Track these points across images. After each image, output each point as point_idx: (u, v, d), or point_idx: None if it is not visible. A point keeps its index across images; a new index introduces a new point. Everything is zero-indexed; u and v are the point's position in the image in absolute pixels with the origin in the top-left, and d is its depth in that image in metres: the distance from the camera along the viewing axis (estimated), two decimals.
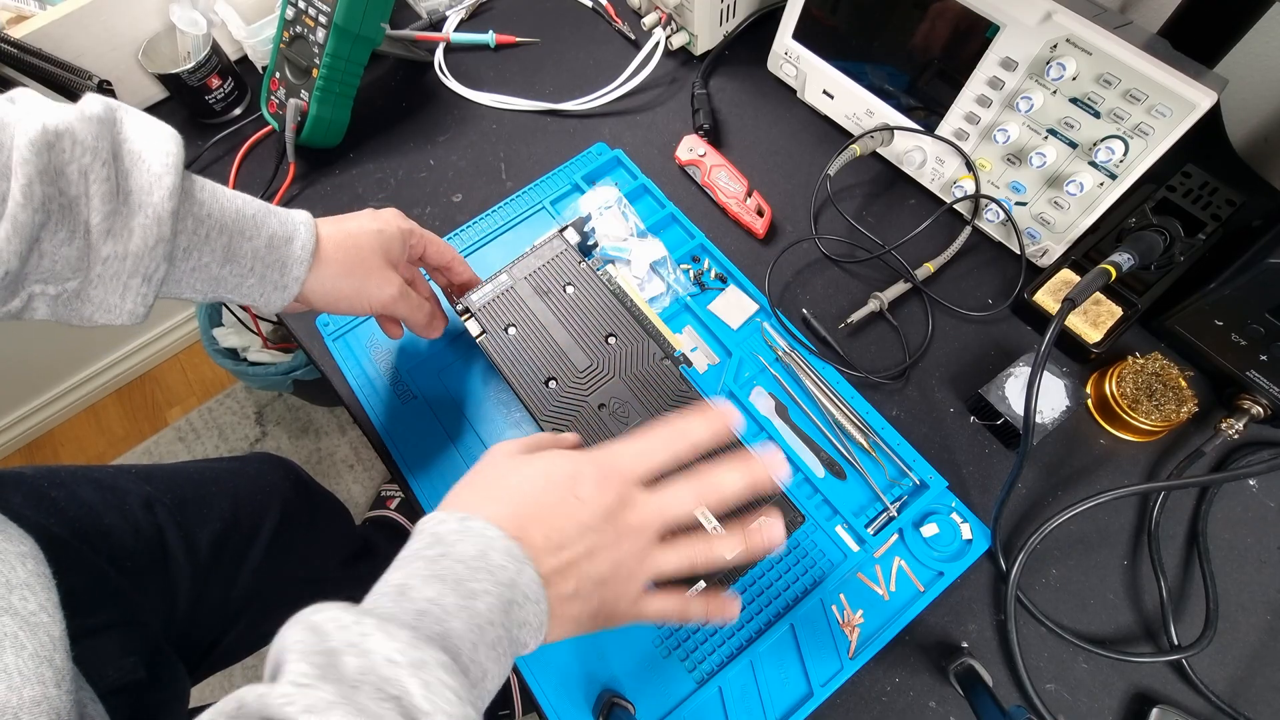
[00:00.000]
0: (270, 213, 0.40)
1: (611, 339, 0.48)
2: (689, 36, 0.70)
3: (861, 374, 0.54)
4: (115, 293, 0.35)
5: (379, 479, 1.32)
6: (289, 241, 0.40)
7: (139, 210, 0.34)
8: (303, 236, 0.41)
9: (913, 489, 0.50)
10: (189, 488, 0.61)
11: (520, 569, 0.30)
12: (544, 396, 0.47)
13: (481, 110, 0.71)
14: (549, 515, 0.32)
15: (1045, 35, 0.49)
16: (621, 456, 0.35)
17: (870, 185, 0.64)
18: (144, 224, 0.34)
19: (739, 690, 0.45)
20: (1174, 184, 0.54)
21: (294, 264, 0.41)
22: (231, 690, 0.24)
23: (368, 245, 0.44)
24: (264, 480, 0.69)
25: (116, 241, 0.34)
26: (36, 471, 0.52)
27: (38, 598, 0.34)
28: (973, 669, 0.44)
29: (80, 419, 1.47)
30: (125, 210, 0.34)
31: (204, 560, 0.58)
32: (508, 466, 0.35)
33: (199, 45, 0.67)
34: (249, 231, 0.39)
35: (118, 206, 0.33)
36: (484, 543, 0.30)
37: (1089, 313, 0.54)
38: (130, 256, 0.34)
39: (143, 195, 0.34)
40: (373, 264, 0.44)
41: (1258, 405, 0.50)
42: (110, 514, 0.53)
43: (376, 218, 0.45)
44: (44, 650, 0.32)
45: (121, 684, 0.43)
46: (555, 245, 0.52)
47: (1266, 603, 0.47)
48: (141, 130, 0.35)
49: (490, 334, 0.49)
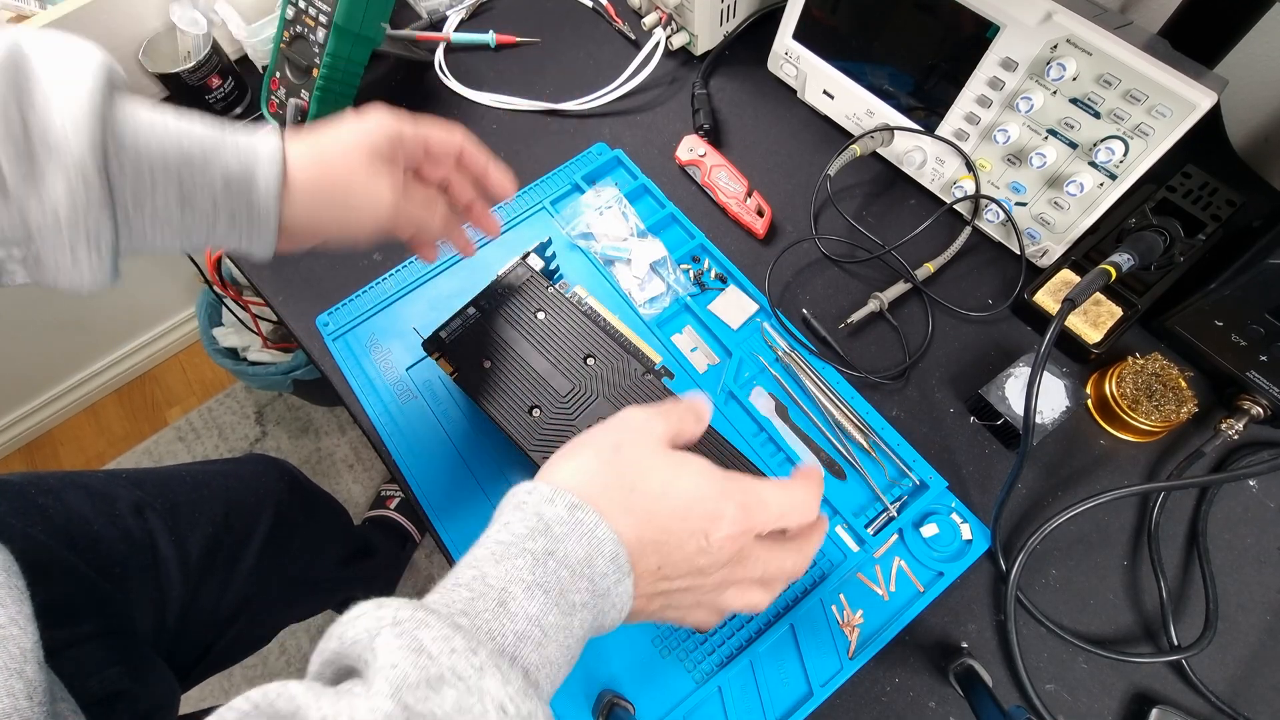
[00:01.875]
0: (221, 145, 0.34)
1: (590, 360, 0.47)
2: (689, 36, 0.70)
3: (861, 374, 0.54)
4: (65, 258, 0.31)
5: (379, 479, 1.32)
6: (249, 176, 0.34)
7: (59, 170, 0.29)
8: (265, 169, 0.34)
9: (912, 489, 0.50)
10: (181, 492, 0.60)
11: (620, 582, 0.28)
12: (529, 426, 0.45)
13: (482, 110, 0.71)
14: (672, 547, 0.29)
15: (1045, 35, 0.49)
16: (766, 510, 0.31)
17: (870, 185, 0.64)
18: (69, 184, 0.29)
19: (739, 690, 0.45)
20: (1174, 184, 0.54)
21: (261, 204, 0.34)
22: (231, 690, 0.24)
23: (345, 157, 0.37)
24: (258, 482, 0.69)
25: (42, 205, 0.29)
26: (24, 479, 0.52)
27: (7, 610, 0.33)
28: (972, 669, 0.44)
29: (80, 419, 1.47)
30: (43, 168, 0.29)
31: (196, 565, 0.57)
32: (649, 459, 0.31)
33: (199, 45, 0.67)
34: (199, 171, 0.33)
35: (31, 168, 0.29)
36: (592, 545, 0.28)
37: (1089, 313, 0.54)
38: (64, 221, 0.29)
39: (60, 153, 0.29)
40: (356, 177, 0.37)
41: (1257, 405, 0.50)
42: (100, 520, 0.52)
43: (358, 120, 0.38)
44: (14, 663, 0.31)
45: (105, 694, 0.43)
46: (520, 273, 0.50)
47: (1266, 603, 0.47)
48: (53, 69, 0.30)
49: (464, 371, 0.47)
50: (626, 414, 0.33)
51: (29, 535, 0.47)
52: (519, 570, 0.26)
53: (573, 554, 0.27)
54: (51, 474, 0.54)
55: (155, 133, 0.32)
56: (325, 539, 0.81)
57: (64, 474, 0.55)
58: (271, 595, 0.67)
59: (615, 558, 0.28)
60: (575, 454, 0.31)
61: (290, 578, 0.70)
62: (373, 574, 1.02)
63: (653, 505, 0.29)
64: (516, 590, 0.26)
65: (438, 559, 1.23)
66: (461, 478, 0.52)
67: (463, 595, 0.26)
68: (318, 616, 1.18)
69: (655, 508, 0.29)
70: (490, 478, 0.52)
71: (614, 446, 0.31)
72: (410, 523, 1.19)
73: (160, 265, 1.34)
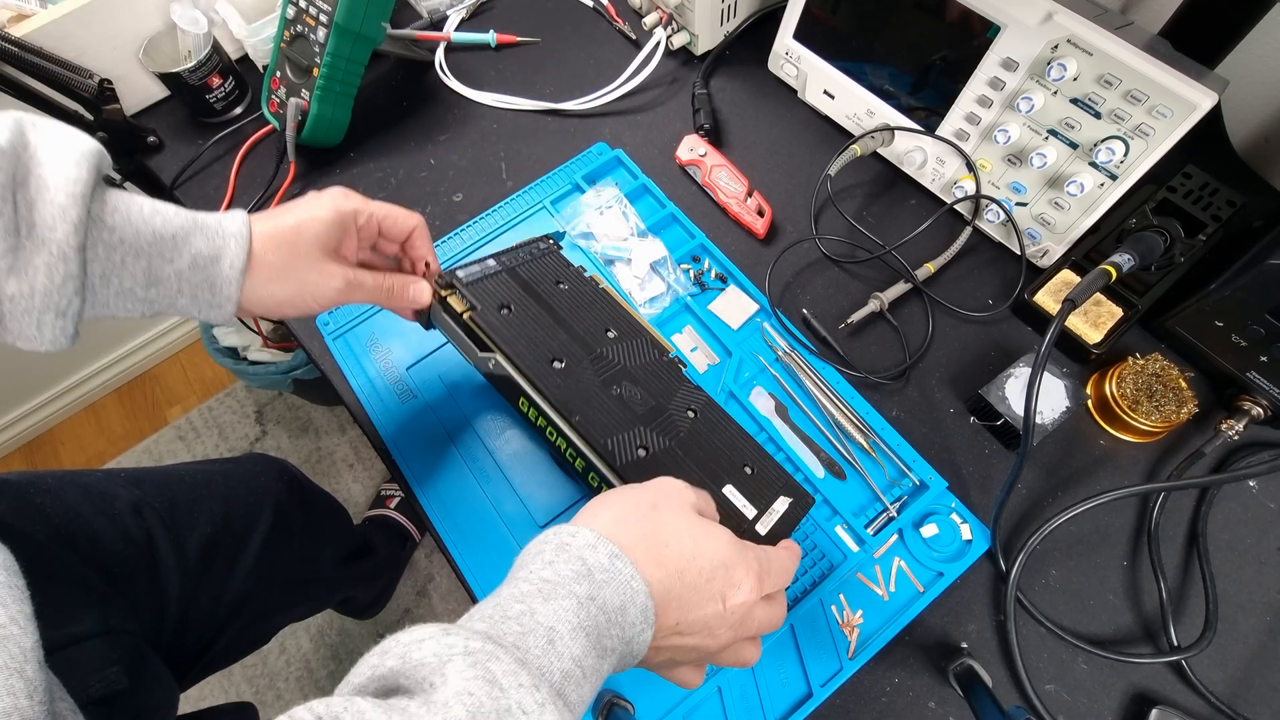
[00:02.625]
0: (195, 229, 0.37)
1: (611, 333, 0.47)
2: (690, 36, 0.70)
3: (861, 374, 0.54)
4: (30, 326, 0.33)
5: (379, 478, 1.32)
6: (216, 260, 0.37)
7: (42, 247, 0.32)
8: (232, 252, 0.38)
9: (912, 489, 0.50)
10: (180, 491, 0.60)
11: (643, 632, 0.30)
12: (550, 376, 0.43)
13: (482, 110, 0.71)
14: (693, 606, 0.32)
15: (1046, 36, 0.49)
16: (772, 577, 0.34)
17: (871, 185, 0.64)
18: (48, 261, 0.32)
19: (738, 690, 0.45)
20: (1174, 185, 0.54)
21: (223, 283, 0.38)
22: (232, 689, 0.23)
23: (300, 241, 0.40)
24: (257, 482, 0.69)
25: (20, 280, 0.32)
26: (23, 478, 0.52)
27: (8, 610, 0.33)
28: (972, 669, 0.44)
29: (80, 418, 1.47)
30: (28, 246, 0.32)
31: (194, 565, 0.57)
32: (681, 520, 0.33)
33: (200, 44, 0.67)
34: (168, 254, 0.36)
35: (20, 243, 0.32)
36: (627, 595, 0.30)
37: (1089, 313, 0.54)
38: (38, 294, 0.32)
39: (46, 230, 0.32)
40: (309, 260, 0.40)
41: (1258, 406, 0.50)
42: (98, 519, 0.52)
43: (315, 203, 0.41)
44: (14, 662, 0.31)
45: (104, 694, 0.43)
46: (543, 245, 0.51)
47: (1266, 604, 0.47)
48: (52, 154, 0.33)
49: (482, 311, 0.44)
50: (663, 480, 0.36)
51: (28, 535, 0.47)
52: (565, 611, 0.28)
53: (610, 601, 0.29)
54: (50, 473, 0.54)
55: (133, 219, 0.35)
56: (325, 538, 0.81)
57: (62, 473, 0.55)
58: (271, 594, 0.67)
59: (645, 610, 0.30)
60: (613, 504, 0.34)
61: (289, 577, 0.70)
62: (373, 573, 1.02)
63: (683, 564, 0.32)
64: (564, 630, 0.27)
65: (437, 558, 1.23)
66: (461, 477, 0.52)
67: (514, 629, 0.27)
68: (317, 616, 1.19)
69: (685, 566, 0.32)
70: (490, 478, 0.52)
71: (651, 504, 0.34)
72: (410, 522, 1.19)
73: None
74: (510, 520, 0.50)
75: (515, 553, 0.49)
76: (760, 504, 0.41)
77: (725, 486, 0.41)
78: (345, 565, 0.88)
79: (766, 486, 0.43)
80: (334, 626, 1.19)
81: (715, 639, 0.33)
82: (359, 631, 1.18)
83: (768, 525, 0.41)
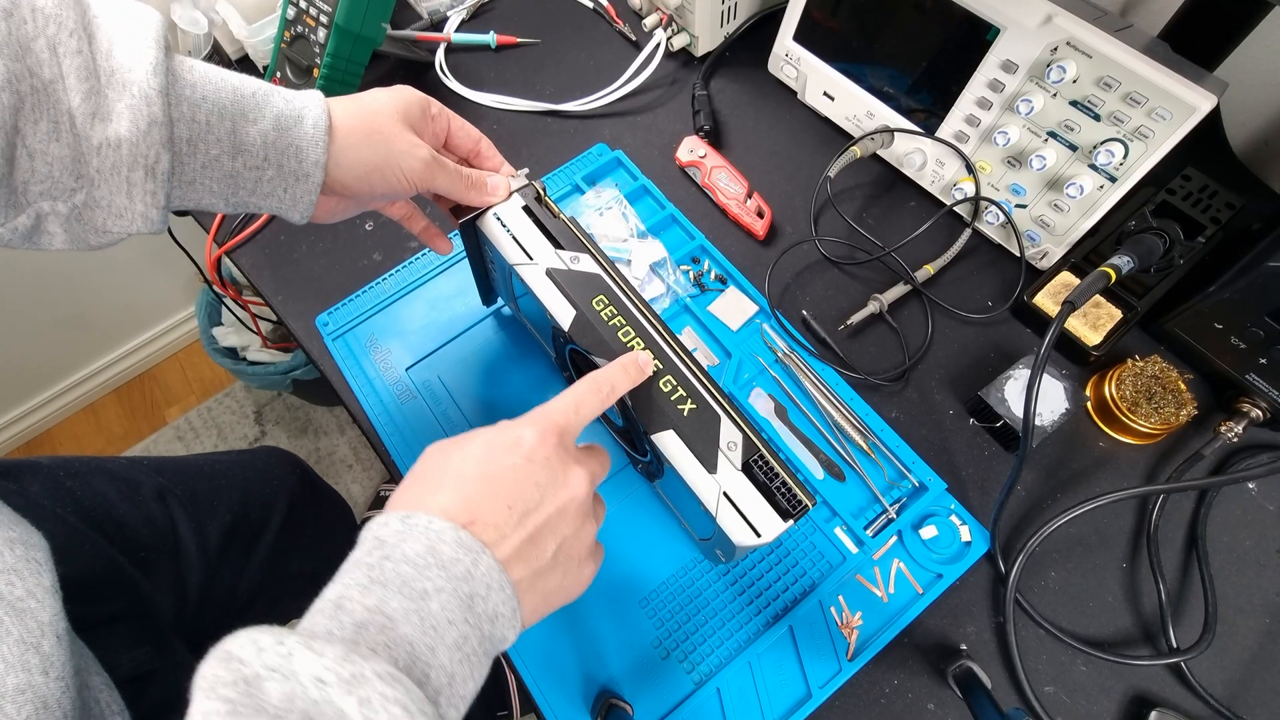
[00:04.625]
0: (273, 91, 0.36)
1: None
2: (690, 38, 0.70)
3: (861, 375, 0.54)
4: (120, 190, 0.32)
5: (378, 479, 1.32)
6: (299, 121, 0.36)
7: (124, 90, 0.30)
8: (313, 114, 0.36)
9: (912, 491, 0.50)
10: (200, 480, 0.61)
11: (476, 559, 0.28)
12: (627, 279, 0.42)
13: (482, 111, 0.71)
14: (501, 485, 0.30)
15: (1045, 38, 0.49)
16: (555, 410, 0.33)
17: (870, 187, 0.64)
18: (132, 104, 0.30)
19: (737, 691, 0.45)
20: (1174, 187, 0.54)
21: (309, 146, 0.36)
22: None
23: (384, 110, 0.39)
24: (272, 474, 0.70)
25: (105, 126, 0.30)
26: (52, 461, 0.53)
27: (25, 583, 0.33)
28: (971, 671, 0.44)
29: (79, 418, 1.47)
30: (109, 90, 0.30)
31: (214, 552, 0.58)
32: (446, 454, 0.32)
33: (200, 44, 0.67)
34: (251, 114, 0.35)
35: (98, 85, 0.30)
36: (431, 537, 0.27)
37: (1088, 315, 0.54)
38: (125, 143, 0.30)
39: (124, 73, 0.30)
40: (394, 129, 0.39)
41: (1257, 408, 0.50)
42: (124, 504, 0.53)
43: (388, 89, 0.41)
44: (30, 636, 0.31)
45: (136, 673, 0.43)
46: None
47: (1265, 606, 0.47)
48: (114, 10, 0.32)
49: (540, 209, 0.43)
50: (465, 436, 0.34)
51: (59, 516, 0.48)
52: (354, 579, 0.26)
53: (412, 551, 0.27)
54: (77, 458, 0.55)
55: (211, 78, 0.34)
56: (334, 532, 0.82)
57: (89, 459, 0.55)
58: (283, 586, 0.67)
59: (460, 542, 0.28)
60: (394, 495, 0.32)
61: (301, 569, 0.71)
62: None
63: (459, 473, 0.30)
64: (353, 593, 0.26)
65: None
66: None
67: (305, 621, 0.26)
68: None
69: (464, 469, 0.30)
70: None
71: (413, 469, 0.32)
72: None
73: (160, 264, 1.34)
74: None
75: None
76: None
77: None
78: None
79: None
80: None
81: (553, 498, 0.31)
82: None
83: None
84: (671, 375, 0.39)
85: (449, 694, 0.26)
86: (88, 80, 0.30)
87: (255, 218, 0.65)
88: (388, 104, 0.39)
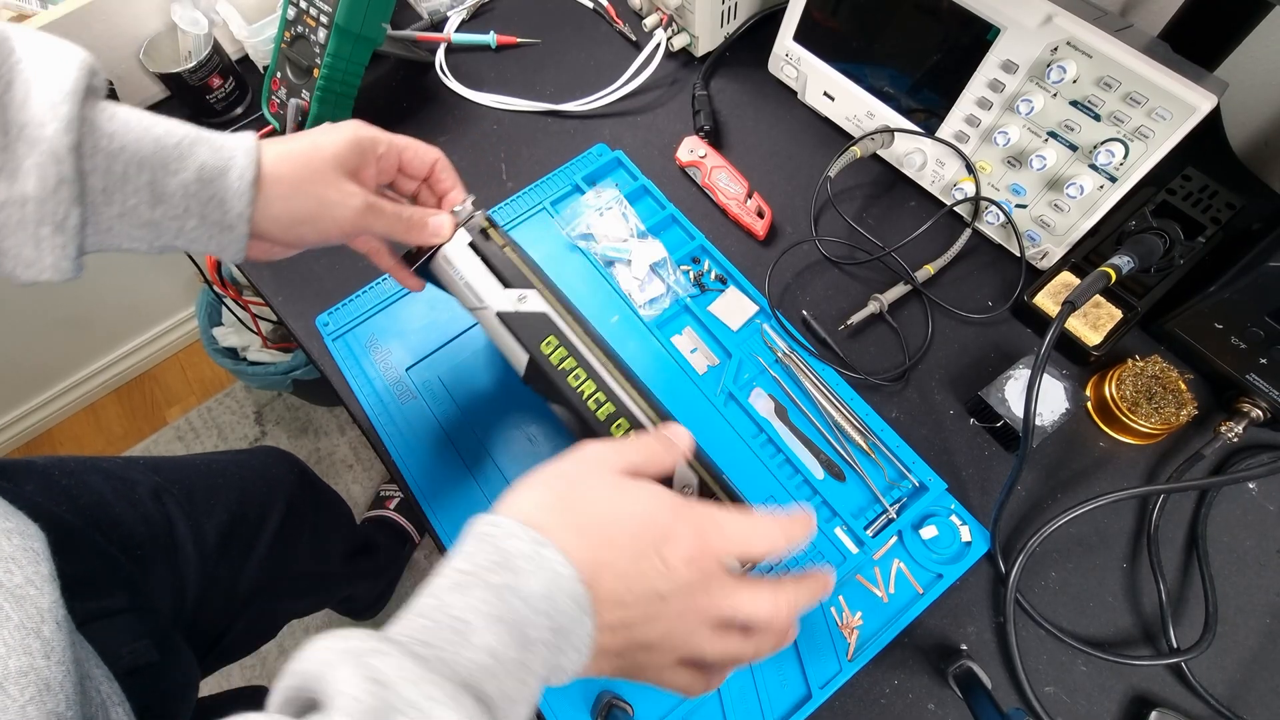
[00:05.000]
0: (200, 140, 0.35)
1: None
2: (690, 38, 0.70)
3: (861, 376, 0.54)
4: (28, 244, 0.31)
5: (378, 479, 1.32)
6: (224, 173, 0.35)
7: (33, 147, 0.30)
8: (240, 164, 0.35)
9: (912, 491, 0.50)
10: (197, 479, 0.61)
11: (580, 619, 0.27)
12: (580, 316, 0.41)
13: (482, 111, 0.71)
14: (627, 568, 0.29)
15: (1046, 38, 0.49)
16: (723, 533, 0.31)
17: (870, 187, 0.64)
18: (39, 163, 0.30)
19: (737, 692, 0.45)
20: (1174, 187, 0.54)
21: (233, 198, 0.35)
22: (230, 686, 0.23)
23: (319, 156, 0.37)
24: (270, 473, 0.70)
25: (11, 183, 0.30)
26: (47, 461, 0.53)
27: (24, 571, 0.33)
28: (972, 671, 0.44)
29: (79, 418, 1.47)
30: (18, 146, 0.30)
31: (211, 551, 0.58)
32: (602, 488, 0.31)
33: (200, 45, 0.67)
34: (173, 164, 0.33)
35: (8, 143, 0.30)
36: (553, 581, 0.27)
37: (1089, 315, 0.54)
38: (31, 201, 0.30)
39: (35, 129, 0.30)
40: (328, 177, 0.37)
41: (1257, 408, 0.50)
42: (120, 503, 0.53)
43: (331, 129, 0.39)
44: (30, 622, 0.31)
45: (136, 665, 0.43)
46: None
47: (1266, 606, 0.47)
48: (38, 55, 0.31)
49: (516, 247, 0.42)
50: (582, 447, 0.33)
51: (56, 514, 0.48)
52: (479, 602, 0.26)
53: (532, 589, 0.27)
54: (72, 458, 0.55)
55: (132, 126, 0.33)
56: (331, 533, 0.82)
57: (84, 458, 0.56)
58: (281, 585, 0.67)
59: (575, 595, 0.27)
60: (534, 486, 0.31)
61: (299, 569, 0.71)
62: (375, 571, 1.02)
63: (607, 529, 0.29)
64: (476, 621, 0.26)
65: (437, 559, 1.23)
66: (460, 478, 0.52)
67: (421, 624, 0.26)
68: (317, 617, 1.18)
69: (609, 530, 0.29)
70: (490, 479, 0.52)
71: (569, 477, 0.31)
72: (409, 523, 1.19)
73: (160, 265, 1.34)
74: None
75: None
76: None
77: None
78: (350, 560, 0.89)
79: None
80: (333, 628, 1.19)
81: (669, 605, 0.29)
82: None
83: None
84: (624, 418, 0.39)
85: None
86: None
87: None
88: (325, 149, 0.38)
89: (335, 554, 0.83)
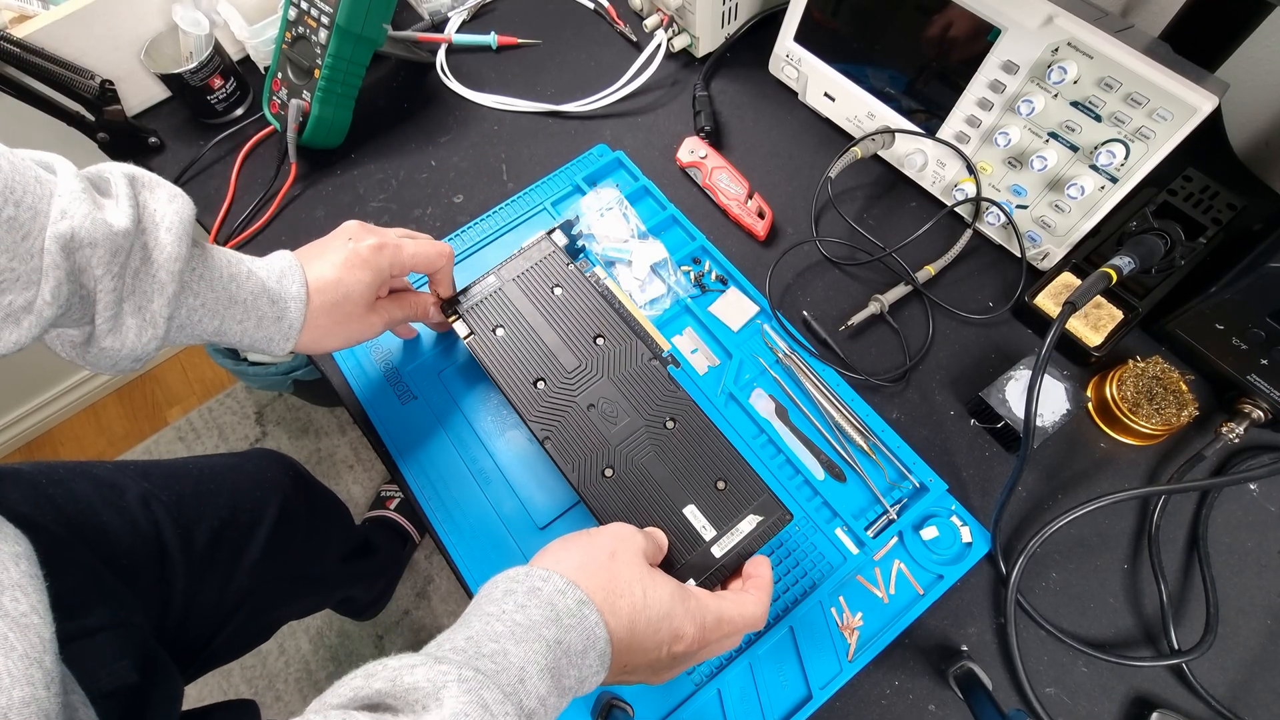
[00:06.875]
0: (264, 294, 0.42)
1: (600, 340, 0.48)
2: (690, 39, 0.70)
3: (862, 376, 0.54)
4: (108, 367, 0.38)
5: (378, 479, 1.32)
6: (279, 320, 0.43)
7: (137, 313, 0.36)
8: (292, 314, 0.43)
9: (912, 492, 0.50)
10: (187, 484, 0.61)
11: (597, 674, 0.33)
12: (532, 397, 0.47)
13: (483, 111, 0.71)
14: (640, 653, 0.35)
15: (1046, 39, 0.49)
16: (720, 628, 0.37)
17: (871, 188, 0.64)
18: (138, 326, 0.36)
19: (738, 693, 0.45)
20: (1175, 188, 0.54)
21: (281, 339, 0.44)
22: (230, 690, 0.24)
23: (349, 302, 0.45)
24: (263, 477, 0.69)
25: (115, 338, 0.36)
26: (35, 468, 0.52)
27: (29, 599, 0.33)
28: (972, 672, 0.44)
29: (80, 418, 1.47)
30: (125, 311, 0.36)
31: (200, 557, 0.58)
32: (635, 574, 0.36)
33: (201, 45, 0.67)
34: (239, 315, 0.41)
35: (119, 310, 0.35)
36: (589, 640, 0.32)
37: (1089, 316, 0.54)
38: (126, 348, 0.36)
39: (143, 299, 0.36)
40: (353, 318, 0.46)
41: (1258, 409, 0.50)
42: (107, 511, 0.53)
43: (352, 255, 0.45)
44: (34, 652, 0.31)
45: (114, 688, 0.43)
46: (543, 247, 0.52)
47: (1267, 607, 0.47)
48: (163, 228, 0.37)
49: (478, 335, 0.49)
50: (618, 527, 0.39)
51: (42, 526, 0.47)
52: (536, 654, 0.30)
53: (574, 645, 0.32)
54: (61, 464, 0.54)
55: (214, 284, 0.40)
56: (328, 535, 0.81)
57: (73, 464, 0.55)
58: (274, 589, 0.67)
59: (603, 656, 0.33)
60: (575, 549, 0.37)
61: (293, 572, 0.70)
62: (373, 573, 1.02)
63: (635, 615, 0.34)
64: (533, 672, 0.30)
65: (437, 560, 1.23)
66: (461, 479, 0.52)
67: (489, 666, 0.29)
68: (316, 617, 1.18)
69: (636, 617, 0.34)
70: (490, 479, 0.52)
71: (610, 553, 0.36)
72: (410, 523, 1.19)
73: None
74: (510, 522, 0.50)
75: (515, 554, 0.49)
76: (722, 525, 0.43)
77: (687, 506, 0.43)
78: (347, 563, 0.88)
79: (737, 503, 0.43)
80: (333, 628, 1.19)
81: (657, 676, 0.37)
82: (358, 633, 1.18)
83: (726, 547, 0.42)
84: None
85: None
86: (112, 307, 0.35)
87: (258, 216, 0.65)
88: (355, 297, 0.45)
89: (332, 556, 0.83)
